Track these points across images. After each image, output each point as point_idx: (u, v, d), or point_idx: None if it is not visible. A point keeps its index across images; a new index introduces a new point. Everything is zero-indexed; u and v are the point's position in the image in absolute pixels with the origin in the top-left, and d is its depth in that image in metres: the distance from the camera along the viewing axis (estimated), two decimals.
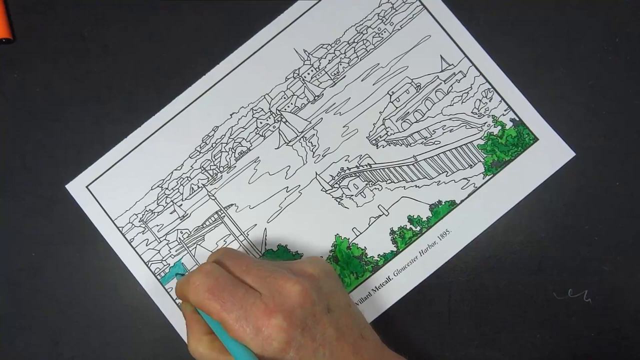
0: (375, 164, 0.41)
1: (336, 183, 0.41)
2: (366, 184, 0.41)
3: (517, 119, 0.41)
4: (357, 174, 0.41)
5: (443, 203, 0.41)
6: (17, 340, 0.41)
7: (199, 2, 0.42)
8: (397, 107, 0.42)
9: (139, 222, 0.41)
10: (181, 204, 0.41)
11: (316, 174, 0.41)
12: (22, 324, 0.41)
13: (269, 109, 0.42)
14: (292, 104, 0.42)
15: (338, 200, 0.41)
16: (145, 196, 0.41)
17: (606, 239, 0.41)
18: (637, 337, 0.40)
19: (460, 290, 0.41)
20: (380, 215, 0.41)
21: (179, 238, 0.41)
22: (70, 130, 0.42)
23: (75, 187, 0.41)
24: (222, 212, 0.41)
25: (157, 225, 0.41)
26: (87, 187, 0.41)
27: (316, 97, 0.42)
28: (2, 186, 0.42)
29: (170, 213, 0.41)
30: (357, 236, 0.41)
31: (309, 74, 0.42)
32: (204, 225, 0.41)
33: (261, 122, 0.42)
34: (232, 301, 0.32)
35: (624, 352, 0.40)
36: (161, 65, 0.42)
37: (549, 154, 0.41)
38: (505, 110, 0.41)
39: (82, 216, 0.41)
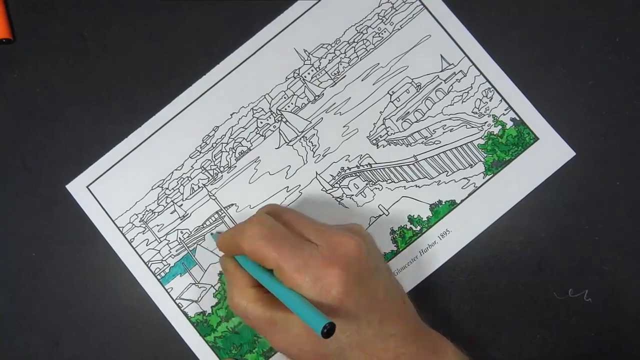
0: (376, 163, 0.41)
1: (336, 183, 0.41)
2: (366, 184, 0.41)
3: (518, 119, 0.41)
4: (358, 174, 0.41)
5: (443, 203, 0.41)
6: (17, 340, 0.41)
7: (199, 2, 0.42)
8: (397, 107, 0.42)
9: (139, 222, 0.41)
10: (181, 204, 0.41)
11: (316, 173, 0.41)
12: (22, 324, 0.41)
13: (269, 108, 0.42)
14: (292, 103, 0.42)
15: (338, 200, 0.41)
16: (145, 196, 0.41)
17: (606, 239, 0.41)
18: (637, 337, 0.40)
19: (460, 290, 0.41)
20: (381, 215, 0.41)
21: (179, 238, 0.41)
22: (70, 130, 0.42)
23: (76, 187, 0.41)
24: (222, 212, 0.41)
25: (158, 225, 0.41)
26: (87, 187, 0.41)
27: (316, 97, 0.42)
28: (2, 186, 0.42)
29: (171, 213, 0.41)
30: None
31: (309, 73, 0.42)
32: (205, 225, 0.41)
33: (261, 122, 0.42)
34: (290, 250, 0.33)
35: (624, 352, 0.40)
36: (161, 65, 0.42)
37: (549, 153, 0.41)
38: (505, 110, 0.41)
39: (82, 216, 0.41)
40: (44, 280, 0.41)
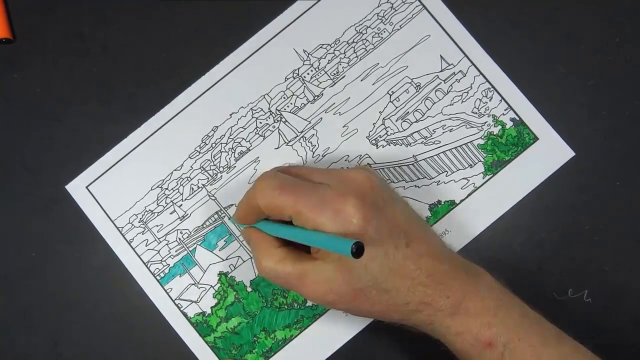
0: (375, 163, 0.41)
1: None
2: None
3: (517, 119, 0.41)
4: None
5: (443, 203, 0.41)
6: (17, 340, 0.41)
7: (199, 2, 0.42)
8: (396, 107, 0.42)
9: (139, 222, 0.41)
10: (181, 204, 0.41)
11: None
12: (22, 324, 0.41)
13: (269, 109, 0.42)
14: (291, 103, 0.42)
15: None
16: (145, 196, 0.41)
17: (606, 239, 0.41)
18: (637, 337, 0.40)
19: None
20: None
21: (179, 238, 0.41)
22: (70, 130, 0.42)
23: (75, 187, 0.41)
24: (222, 212, 0.41)
25: (157, 226, 0.41)
26: (87, 187, 0.41)
27: (316, 97, 0.42)
28: (2, 186, 0.42)
29: (170, 213, 0.41)
30: None
31: (308, 74, 0.42)
32: (204, 226, 0.41)
33: (261, 122, 0.42)
34: (305, 192, 0.33)
35: (624, 352, 0.40)
36: (161, 65, 0.42)
37: (549, 153, 0.41)
38: (505, 110, 0.41)
39: (82, 216, 0.41)
40: (43, 280, 0.41)
